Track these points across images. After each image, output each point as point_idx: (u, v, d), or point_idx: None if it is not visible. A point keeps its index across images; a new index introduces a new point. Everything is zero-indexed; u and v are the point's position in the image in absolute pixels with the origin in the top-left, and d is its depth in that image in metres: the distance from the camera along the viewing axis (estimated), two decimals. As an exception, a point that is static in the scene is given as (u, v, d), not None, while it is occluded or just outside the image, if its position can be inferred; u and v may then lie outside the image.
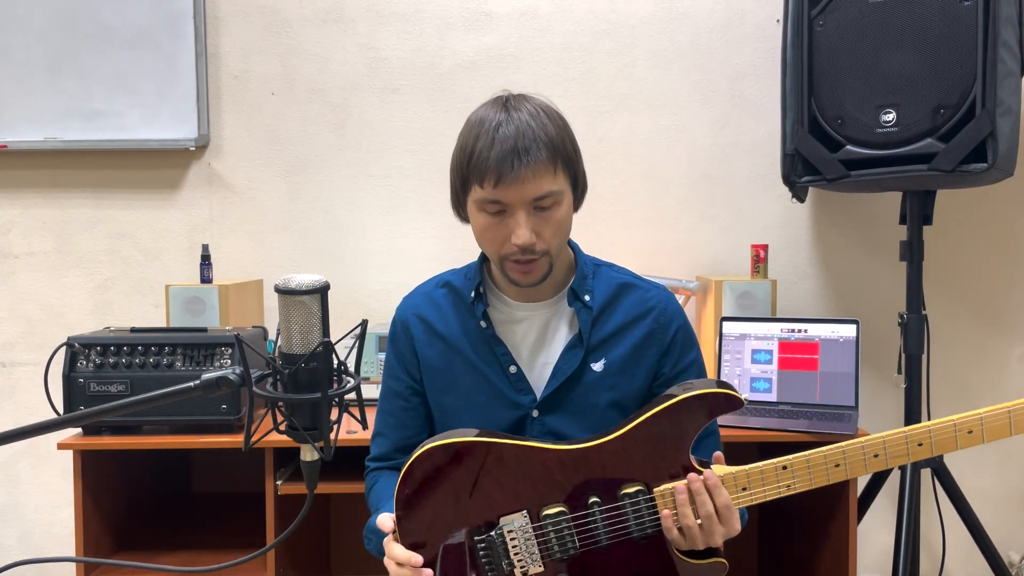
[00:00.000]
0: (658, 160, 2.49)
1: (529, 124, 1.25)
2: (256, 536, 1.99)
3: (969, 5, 1.83)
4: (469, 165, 1.27)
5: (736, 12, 2.46)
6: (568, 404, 1.36)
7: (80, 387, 1.89)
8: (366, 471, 1.49)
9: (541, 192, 1.25)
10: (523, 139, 1.24)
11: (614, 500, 1.21)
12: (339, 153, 2.51)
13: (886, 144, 1.94)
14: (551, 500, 1.21)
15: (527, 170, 1.23)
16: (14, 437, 0.89)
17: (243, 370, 0.92)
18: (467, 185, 1.29)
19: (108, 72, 2.45)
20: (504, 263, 1.31)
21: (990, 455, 2.49)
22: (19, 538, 2.57)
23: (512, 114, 1.26)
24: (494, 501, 1.21)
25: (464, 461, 1.21)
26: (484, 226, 1.30)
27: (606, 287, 1.40)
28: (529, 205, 1.26)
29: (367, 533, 1.37)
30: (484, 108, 1.30)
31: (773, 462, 1.21)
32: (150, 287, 2.52)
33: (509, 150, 1.23)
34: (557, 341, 1.39)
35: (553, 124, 1.28)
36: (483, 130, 1.26)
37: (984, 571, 2.15)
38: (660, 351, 1.39)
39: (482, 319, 1.38)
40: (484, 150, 1.24)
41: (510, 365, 1.37)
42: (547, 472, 1.21)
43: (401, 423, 1.45)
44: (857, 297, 2.48)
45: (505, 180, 1.23)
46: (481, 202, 1.27)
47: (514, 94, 1.32)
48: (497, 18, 2.47)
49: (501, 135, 1.24)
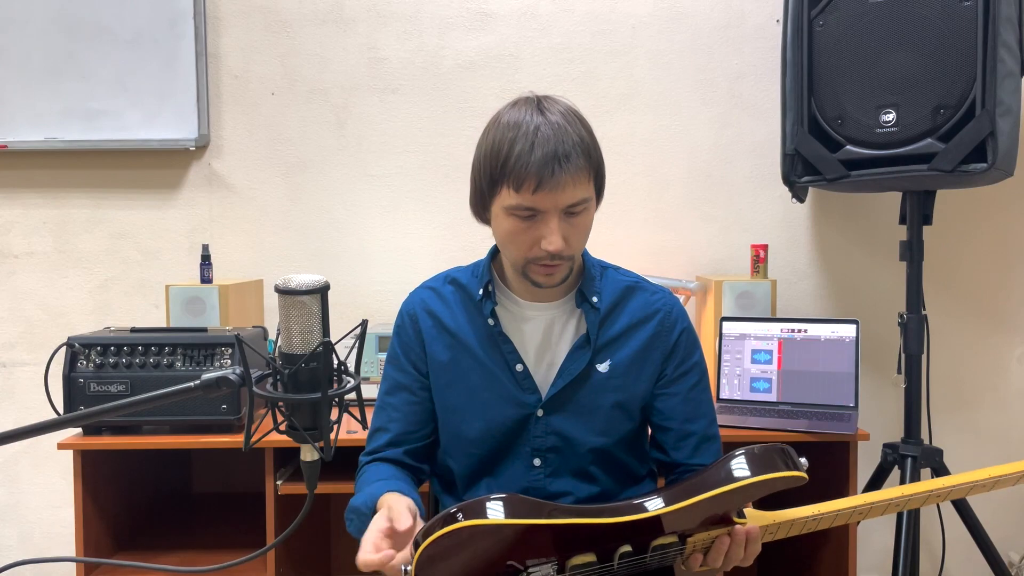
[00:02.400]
0: (658, 160, 2.49)
1: (566, 128, 1.22)
2: (256, 536, 1.99)
3: (969, 5, 1.83)
4: (504, 168, 1.23)
5: (736, 12, 2.46)
6: (573, 404, 1.36)
7: (80, 387, 1.89)
8: (359, 465, 1.46)
9: (576, 199, 1.24)
10: (563, 144, 1.21)
11: (644, 551, 1.18)
12: (339, 153, 2.51)
13: (886, 144, 1.94)
14: (581, 551, 1.16)
15: (568, 176, 1.21)
16: (14, 437, 0.89)
17: (243, 370, 0.92)
18: (497, 188, 1.26)
19: (108, 72, 2.45)
20: (528, 265, 1.30)
21: (990, 455, 2.49)
22: (19, 538, 2.57)
23: (548, 117, 1.23)
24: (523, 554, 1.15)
25: (503, 537, 1.12)
26: (513, 230, 1.27)
27: (613, 289, 1.40)
28: (562, 211, 1.24)
29: (348, 514, 1.34)
30: (515, 109, 1.26)
31: (805, 515, 1.20)
32: (150, 287, 2.52)
33: (550, 155, 1.20)
34: (564, 341, 1.39)
35: (585, 128, 1.27)
36: (520, 133, 1.22)
37: (984, 571, 2.15)
38: (664, 353, 1.39)
39: (490, 317, 1.38)
40: (524, 154, 1.20)
41: (517, 363, 1.37)
42: (587, 536, 1.16)
43: (405, 416, 1.42)
44: (857, 297, 2.48)
45: (545, 186, 1.20)
46: (514, 207, 1.24)
47: (542, 96, 1.29)
48: (497, 18, 2.47)
49: (541, 138, 1.21)
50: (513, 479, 1.38)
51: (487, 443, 1.39)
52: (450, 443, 1.42)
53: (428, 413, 1.43)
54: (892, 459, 2.11)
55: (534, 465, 1.38)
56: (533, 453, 1.38)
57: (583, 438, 1.36)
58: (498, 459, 1.39)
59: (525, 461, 1.38)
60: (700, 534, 1.18)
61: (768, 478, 1.15)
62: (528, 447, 1.38)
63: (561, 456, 1.38)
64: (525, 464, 1.38)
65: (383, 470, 1.39)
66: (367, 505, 1.29)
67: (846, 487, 1.89)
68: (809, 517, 1.20)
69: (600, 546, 1.16)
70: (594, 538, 1.16)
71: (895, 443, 2.12)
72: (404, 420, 1.42)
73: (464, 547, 1.10)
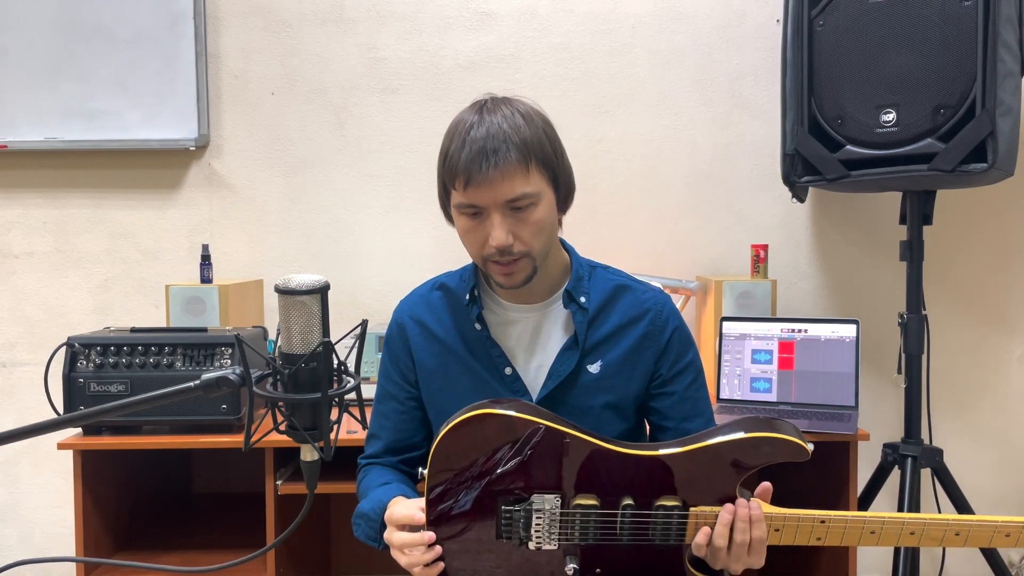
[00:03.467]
0: (658, 160, 2.49)
1: (500, 126, 1.25)
2: (256, 536, 1.99)
3: (969, 5, 1.83)
4: (444, 168, 1.29)
5: (736, 12, 2.46)
6: (564, 406, 1.36)
7: (80, 387, 1.89)
8: (358, 468, 1.49)
9: (514, 194, 1.25)
10: (492, 141, 1.24)
11: (647, 508, 1.20)
12: (339, 153, 2.51)
13: (886, 144, 1.94)
14: (586, 490, 1.21)
15: (495, 172, 1.23)
16: (14, 437, 0.89)
17: (243, 370, 0.92)
18: (446, 188, 1.31)
19: (108, 72, 2.45)
20: (486, 265, 1.31)
21: (990, 455, 2.49)
22: (19, 538, 2.57)
23: (485, 117, 1.27)
24: (531, 477, 1.20)
25: (517, 432, 1.20)
26: (464, 228, 1.31)
27: (602, 289, 1.40)
28: (503, 207, 1.25)
29: (355, 519, 1.37)
30: (462, 112, 1.32)
31: (813, 515, 1.20)
32: (150, 287, 2.52)
33: (477, 152, 1.23)
34: (552, 343, 1.38)
35: (529, 126, 1.27)
36: (456, 133, 1.28)
37: (984, 571, 2.15)
38: (657, 353, 1.38)
39: (477, 321, 1.38)
40: (455, 153, 1.26)
41: (505, 367, 1.37)
42: (591, 465, 1.21)
43: (395, 426, 1.44)
44: (857, 297, 2.48)
45: (474, 182, 1.24)
46: (459, 205, 1.29)
47: (496, 97, 1.32)
48: (497, 18, 2.47)
49: (471, 138, 1.25)
50: None
51: None
52: None
53: (416, 422, 1.45)
54: (892, 459, 2.11)
55: None
56: None
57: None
58: None
59: None
60: (704, 507, 1.19)
61: (771, 436, 1.18)
62: None
63: None
64: None
65: (384, 474, 1.42)
66: (375, 511, 1.31)
67: (846, 487, 1.89)
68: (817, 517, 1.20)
69: (604, 492, 1.20)
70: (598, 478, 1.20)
71: (895, 443, 2.12)
72: (393, 429, 1.45)
73: (476, 439, 1.19)
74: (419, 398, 1.44)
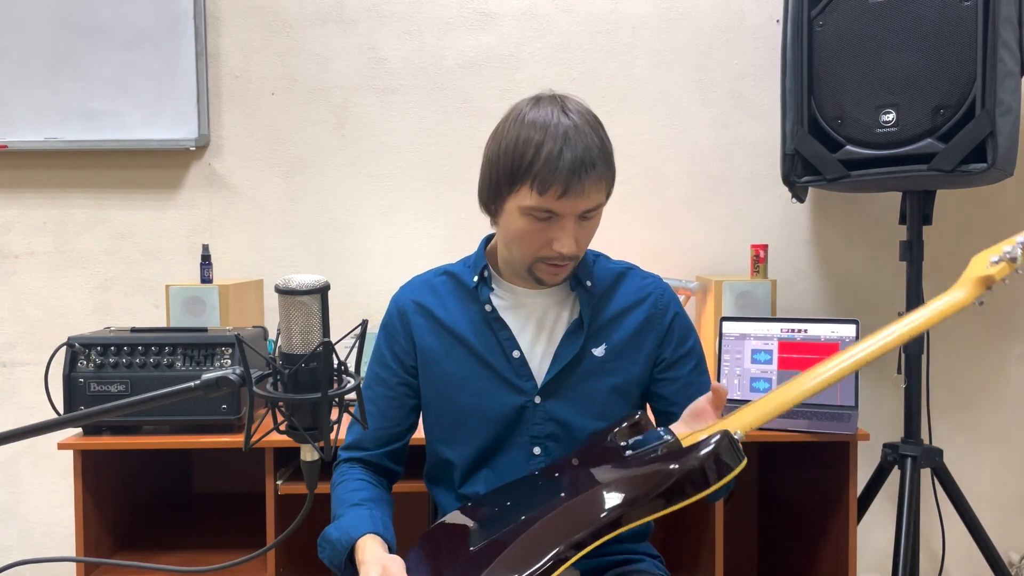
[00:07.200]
0: (658, 160, 2.49)
1: (590, 134, 1.23)
2: (256, 536, 1.99)
3: (969, 5, 1.83)
4: (530, 169, 1.21)
5: (736, 12, 2.46)
6: (570, 390, 1.36)
7: (80, 387, 1.89)
8: (336, 460, 1.45)
9: (594, 205, 1.26)
10: (590, 152, 1.21)
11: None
12: (339, 153, 2.51)
13: (886, 144, 1.94)
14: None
15: (591, 185, 1.22)
16: (14, 437, 0.89)
17: (243, 370, 0.92)
18: (516, 186, 1.24)
19: (108, 72, 2.45)
20: (536, 264, 1.31)
21: (990, 455, 2.49)
22: (19, 538, 2.57)
23: (572, 120, 1.22)
24: None
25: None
26: (527, 229, 1.27)
27: (606, 274, 1.43)
28: (579, 216, 1.26)
29: (321, 542, 1.32)
30: (539, 108, 1.25)
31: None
32: (150, 287, 2.52)
33: (579, 162, 1.20)
34: (558, 327, 1.39)
35: (604, 132, 1.28)
36: (548, 135, 1.21)
37: (984, 571, 2.15)
38: (659, 337, 1.40)
39: (487, 303, 1.38)
40: (552, 158, 1.20)
41: (514, 350, 1.37)
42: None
43: (381, 412, 1.42)
44: (857, 297, 2.48)
45: (571, 193, 1.21)
46: (532, 208, 1.24)
47: (564, 96, 1.28)
48: (497, 18, 2.47)
49: (570, 144, 1.20)
50: (512, 469, 1.37)
51: (485, 433, 1.38)
52: (447, 434, 1.42)
53: (405, 409, 1.43)
54: (892, 459, 2.11)
55: (534, 454, 1.38)
56: (532, 441, 1.38)
57: (581, 424, 1.36)
58: (497, 449, 1.39)
59: (524, 450, 1.38)
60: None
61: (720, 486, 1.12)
62: (527, 435, 1.38)
63: (560, 443, 1.37)
64: (524, 453, 1.38)
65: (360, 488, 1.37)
66: (342, 543, 1.28)
67: (846, 487, 1.89)
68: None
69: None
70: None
71: (895, 443, 2.12)
72: (379, 415, 1.42)
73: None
74: (411, 384, 1.42)
